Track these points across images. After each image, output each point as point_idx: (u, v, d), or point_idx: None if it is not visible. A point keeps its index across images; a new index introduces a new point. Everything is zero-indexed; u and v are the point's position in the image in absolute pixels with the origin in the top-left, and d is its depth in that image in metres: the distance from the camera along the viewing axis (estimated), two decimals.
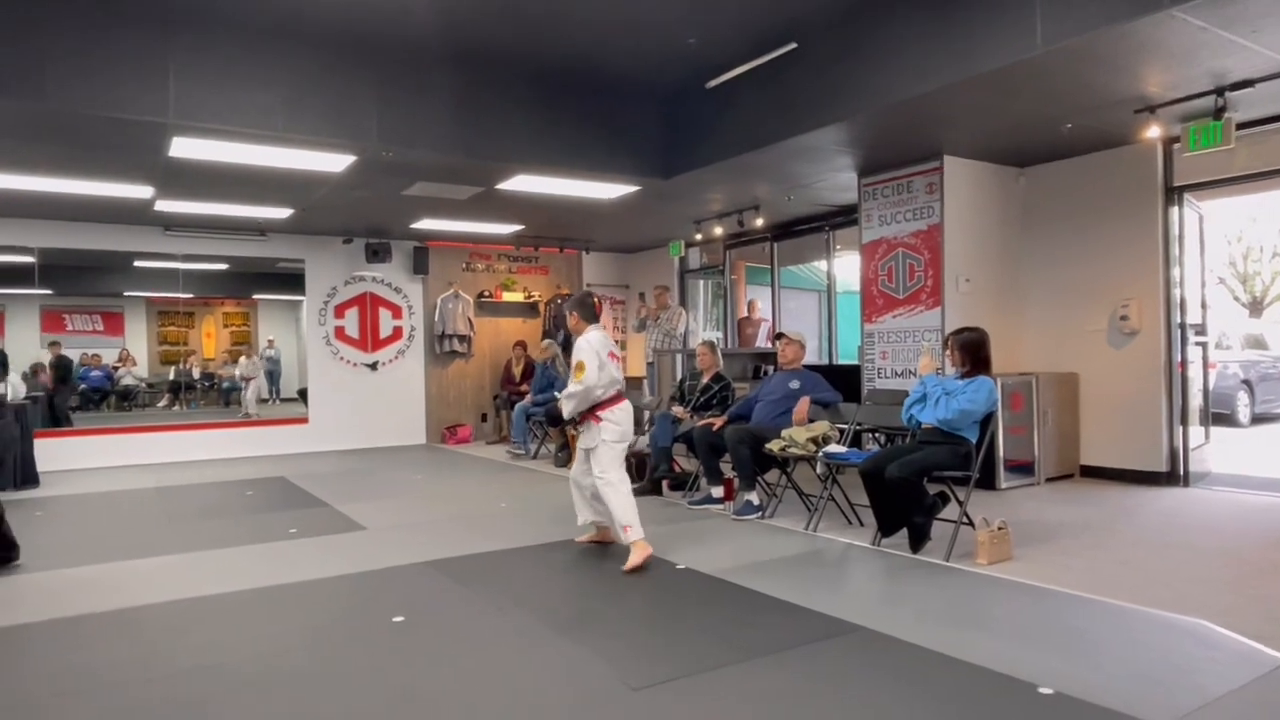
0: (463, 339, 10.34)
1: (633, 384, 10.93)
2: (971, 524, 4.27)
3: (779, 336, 5.80)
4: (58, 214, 8.07)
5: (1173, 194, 6.09)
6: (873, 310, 6.82)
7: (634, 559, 4.13)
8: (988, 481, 6.00)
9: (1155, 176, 6.08)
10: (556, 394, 8.09)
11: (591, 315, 4.57)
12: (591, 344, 4.37)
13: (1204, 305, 6.38)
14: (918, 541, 4.26)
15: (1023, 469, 6.31)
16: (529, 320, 10.97)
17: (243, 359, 11.23)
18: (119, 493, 6.85)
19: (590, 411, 4.34)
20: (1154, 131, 5.33)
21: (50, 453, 7.85)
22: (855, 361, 8.70)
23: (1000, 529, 4.11)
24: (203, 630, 3.35)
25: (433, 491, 6.70)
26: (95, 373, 10.60)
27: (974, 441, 4.31)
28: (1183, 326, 6.12)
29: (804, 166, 6.58)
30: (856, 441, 5.63)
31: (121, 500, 6.51)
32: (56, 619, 3.52)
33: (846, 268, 9.10)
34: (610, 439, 4.31)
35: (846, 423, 5.32)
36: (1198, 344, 6.30)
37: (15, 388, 7.35)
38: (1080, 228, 6.53)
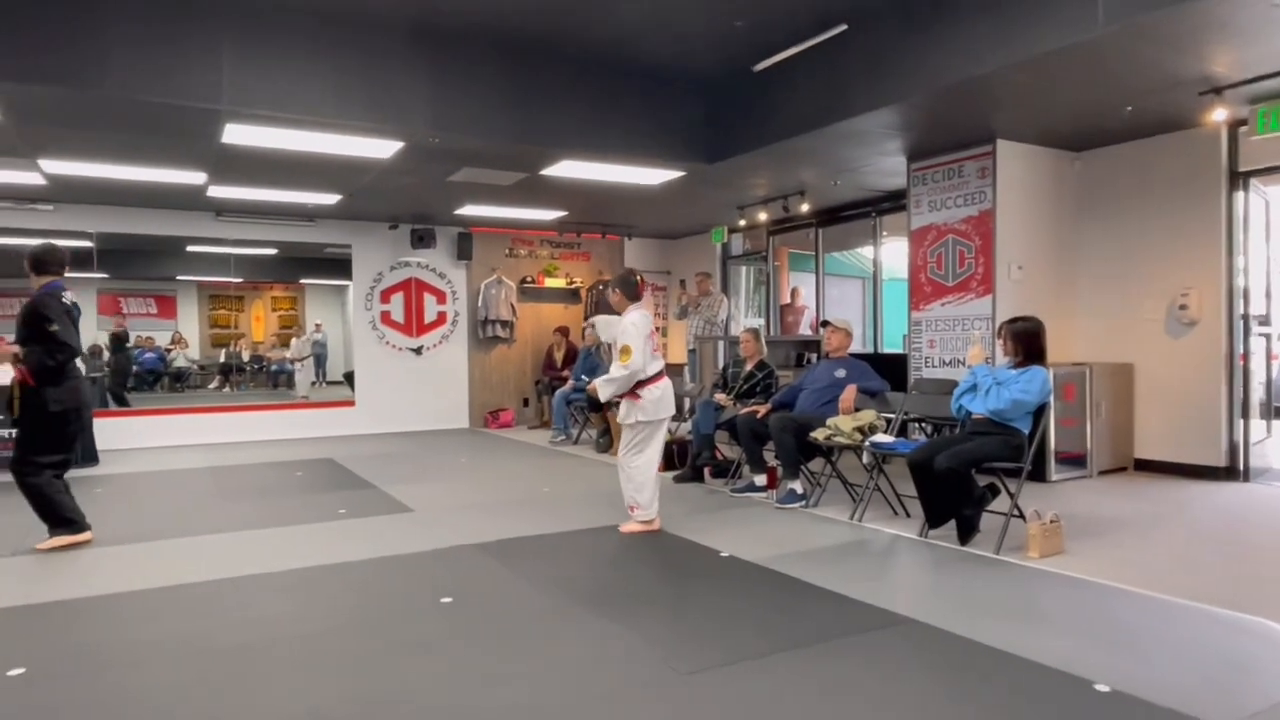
0: (505, 324, 10.42)
1: (674, 371, 10.88)
2: (1023, 516, 4.20)
3: (825, 324, 5.74)
4: (115, 200, 8.29)
5: (1237, 179, 5.89)
6: (920, 298, 6.73)
7: (630, 525, 4.50)
8: (1038, 474, 5.90)
9: (1219, 161, 5.89)
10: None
11: (634, 294, 4.66)
12: (637, 326, 4.47)
13: (1268, 295, 6.18)
14: (966, 534, 4.20)
15: (1074, 461, 6.19)
16: (571, 306, 11.00)
17: (294, 340, 11.43)
18: (174, 472, 7.04)
19: (630, 390, 4.46)
20: (1219, 114, 5.15)
21: (108, 432, 8.09)
22: (900, 350, 8.64)
23: (1053, 522, 4.04)
24: (258, 606, 3.44)
25: (477, 475, 6.78)
26: (149, 355, 10.90)
27: (1026, 433, 4.24)
28: (1245, 317, 5.93)
29: (852, 151, 6.49)
30: (903, 431, 5.57)
31: (177, 479, 6.70)
32: (120, 593, 3.63)
33: (893, 254, 8.98)
34: (643, 418, 4.47)
35: (893, 412, 5.26)
36: (1261, 335, 6.10)
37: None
38: (1138, 214, 6.35)
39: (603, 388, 4.53)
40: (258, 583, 3.78)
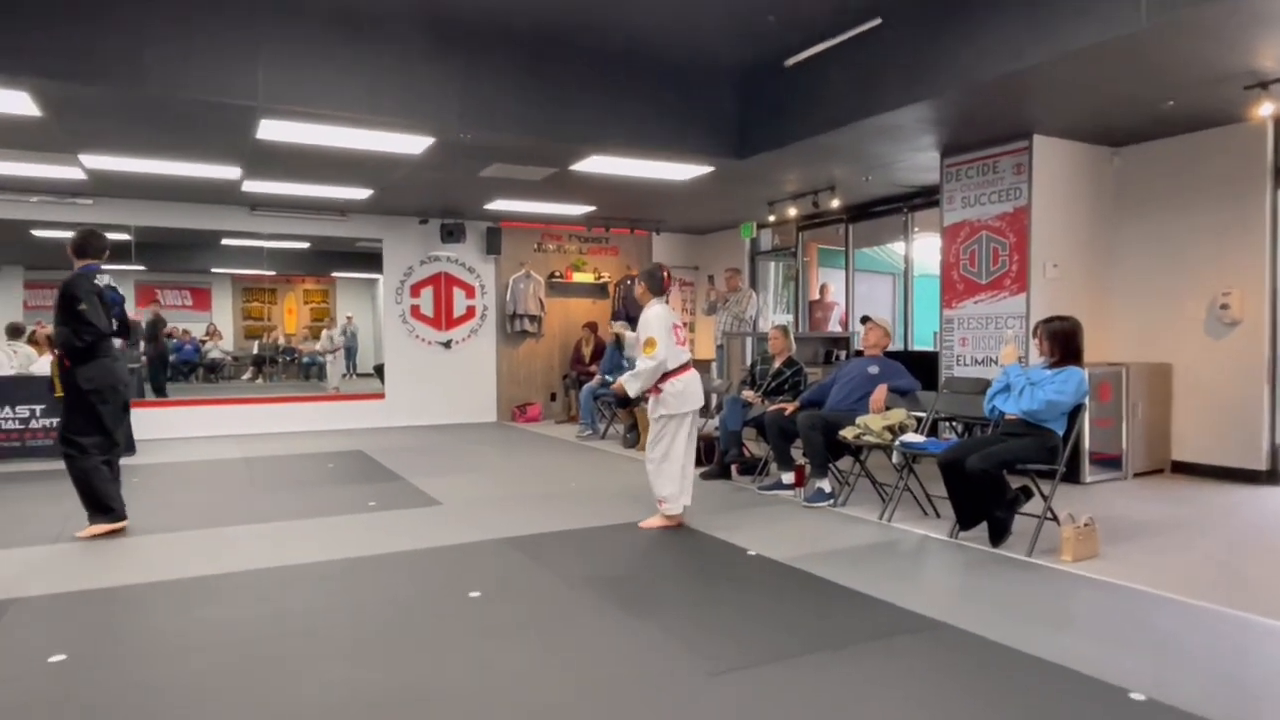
0: (533, 319, 10.46)
1: (702, 367, 10.88)
2: (1056, 519, 4.14)
3: (865, 320, 5.70)
4: (152, 194, 8.43)
5: None
6: (953, 295, 6.66)
7: (654, 520, 4.57)
8: (1072, 475, 5.81)
9: (1264, 157, 5.74)
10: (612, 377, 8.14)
11: (659, 288, 4.71)
12: (660, 318, 4.52)
13: None
14: (998, 536, 4.16)
15: (1109, 463, 6.09)
16: (599, 301, 11.02)
17: (325, 332, 11.55)
18: (209, 462, 7.17)
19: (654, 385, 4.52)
20: (1266, 109, 5.02)
21: (145, 422, 8.24)
22: (931, 348, 8.55)
23: (1087, 525, 3.97)
24: (292, 597, 3.49)
25: (504, 469, 6.82)
26: (186, 346, 11.10)
27: (1060, 434, 4.18)
28: None
29: (885, 146, 6.43)
30: (933, 431, 5.51)
31: (212, 470, 6.82)
32: (159, 582, 3.71)
33: (924, 250, 8.89)
34: (665, 411, 4.53)
35: (924, 411, 5.21)
36: None
37: None
38: (1179, 211, 6.22)
39: (629, 383, 4.56)
40: (290, 574, 3.83)
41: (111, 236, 8.79)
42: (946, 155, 6.65)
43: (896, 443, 4.79)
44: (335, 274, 12.02)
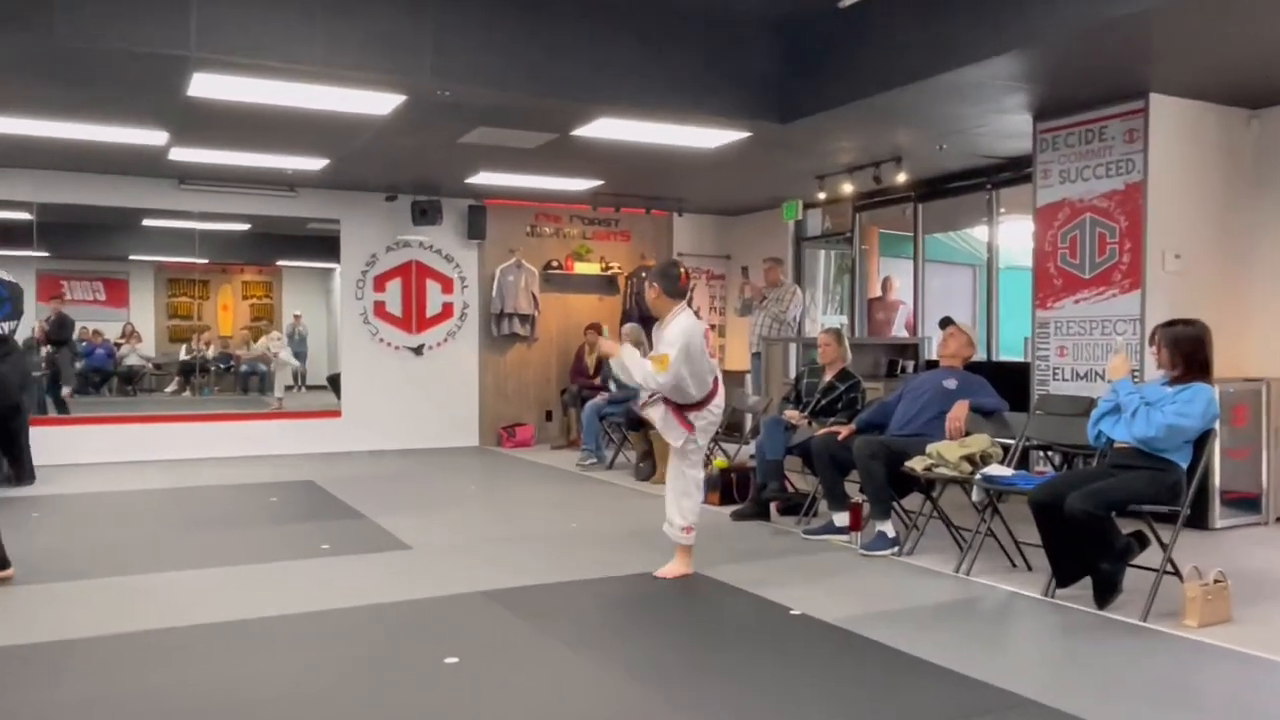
0: (525, 319, 10.50)
1: (733, 379, 10.94)
2: (1178, 574, 4.11)
3: (945, 323, 5.69)
4: (59, 164, 8.53)
5: None
6: (1048, 293, 6.64)
7: (677, 567, 4.68)
8: (1198, 519, 5.76)
9: None
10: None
11: (677, 289, 4.61)
12: (694, 333, 4.46)
13: None
14: (1105, 594, 4.13)
15: (1245, 504, 6.05)
16: (606, 297, 11.04)
17: (275, 335, 11.55)
18: (124, 494, 7.23)
19: (680, 410, 4.57)
20: None
21: (46, 444, 8.31)
22: (1021, 358, 8.52)
23: (1216, 582, 3.95)
24: (223, 662, 3.50)
25: (489, 505, 6.83)
26: (97, 350, 11.19)
27: (1184, 467, 4.16)
28: None
29: (962, 108, 6.43)
30: (1024, 462, 5.48)
31: (128, 503, 6.87)
32: (53, 641, 3.72)
33: (1012, 236, 8.87)
34: (705, 440, 4.75)
35: (1012, 437, 5.19)
36: None
37: None
38: None
39: (621, 369, 4.57)
40: (223, 632, 3.84)
41: (8, 216, 8.96)
42: (1041, 119, 6.63)
43: (978, 476, 4.76)
44: (281, 263, 12.09)
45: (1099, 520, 4.03)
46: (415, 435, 10.12)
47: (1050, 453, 5.87)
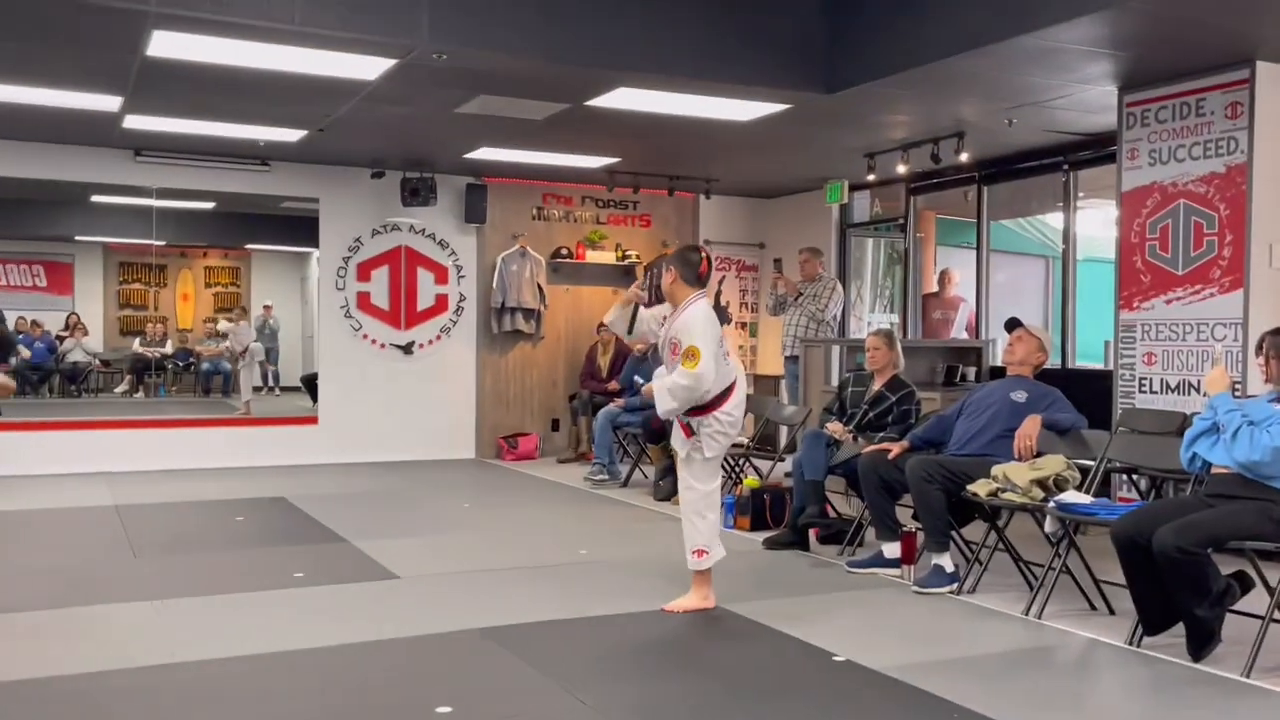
0: (529, 314, 10.51)
1: (766, 386, 10.95)
2: None
3: (1012, 324, 5.64)
4: None
5: None
6: (1135, 290, 6.60)
7: (690, 601, 4.71)
8: None
9: None
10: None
11: (695, 276, 4.80)
12: (709, 320, 4.65)
13: None
14: (1201, 644, 4.09)
15: None
16: (622, 289, 10.98)
17: (241, 324, 11.54)
18: (66, 511, 7.26)
19: (694, 410, 4.62)
20: None
21: None
22: (1101, 365, 8.47)
23: None
24: (175, 712, 3.49)
25: (486, 528, 6.83)
26: (36, 344, 11.25)
27: None
28: None
29: (1036, 77, 6.40)
30: (1105, 487, 5.44)
31: (71, 522, 6.90)
32: None
33: (1092, 225, 8.83)
34: (713, 454, 4.73)
35: (1091, 458, 5.17)
36: None
37: None
38: None
39: (663, 397, 4.61)
40: (176, 676, 3.83)
41: None
42: (1128, 90, 6.60)
43: (1051, 504, 4.74)
44: (251, 246, 12.16)
45: (1194, 558, 3.98)
46: (403, 446, 10.13)
47: (1136, 477, 5.83)
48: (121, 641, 4.25)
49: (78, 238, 11.45)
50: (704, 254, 4.88)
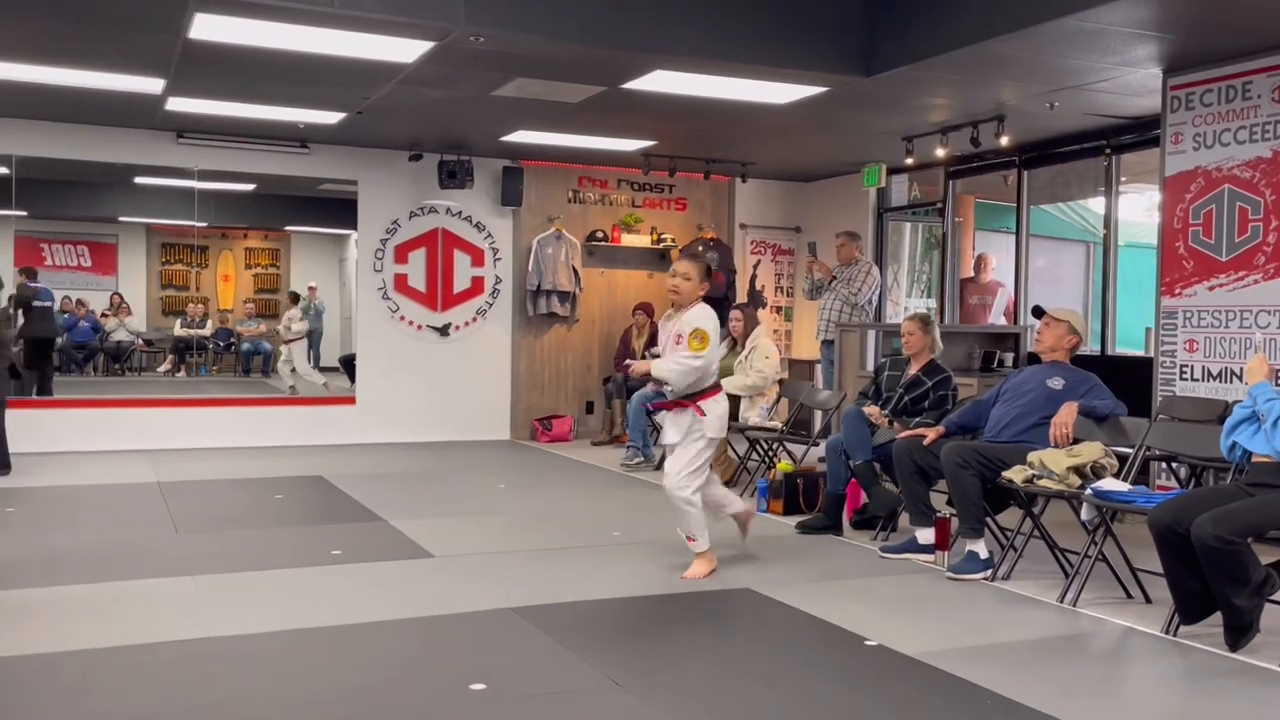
0: (565, 297, 10.53)
1: (800, 370, 10.92)
2: None
3: (1038, 312, 5.60)
4: (42, 113, 8.68)
5: None
6: (1177, 277, 6.54)
7: (698, 568, 5.04)
8: None
9: None
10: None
11: (710, 280, 5.23)
12: (711, 317, 5.01)
13: None
14: (1238, 634, 4.06)
15: None
16: (656, 273, 11.02)
17: (295, 311, 11.56)
18: (111, 488, 7.37)
19: (691, 398, 4.97)
20: None
21: (23, 428, 8.48)
22: (1142, 352, 8.39)
23: None
24: (215, 685, 3.55)
25: (521, 508, 6.88)
26: (81, 324, 11.41)
27: None
28: None
29: (1078, 59, 6.33)
30: (1143, 475, 5.39)
31: (114, 498, 7.01)
32: (27, 655, 3.79)
33: (1134, 210, 8.74)
34: (713, 434, 5.00)
35: (1129, 446, 5.12)
36: None
37: None
38: None
39: (666, 369, 4.94)
40: (219, 648, 3.90)
41: None
42: (1173, 73, 6.53)
43: (1088, 491, 4.70)
44: (290, 228, 12.25)
45: (1233, 547, 3.94)
46: (438, 427, 10.21)
47: (1175, 466, 5.77)
48: (162, 615, 4.31)
49: (121, 219, 11.58)
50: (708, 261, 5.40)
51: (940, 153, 8.68)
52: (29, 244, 10.83)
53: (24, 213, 9.85)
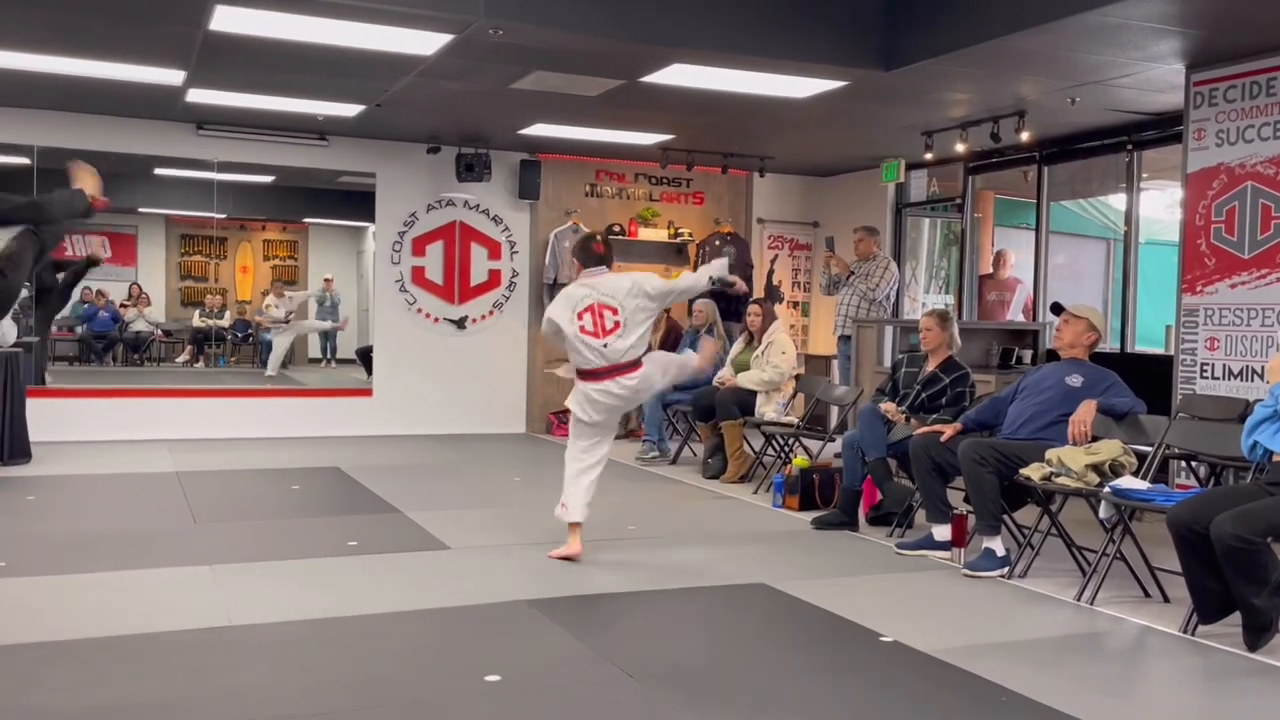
0: None
1: (817, 366, 10.89)
2: None
3: (1056, 309, 5.58)
4: (63, 104, 8.73)
5: None
6: (1198, 274, 6.50)
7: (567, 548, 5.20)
8: None
9: None
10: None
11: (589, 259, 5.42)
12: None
13: None
14: (1257, 634, 4.03)
15: None
16: (674, 267, 11.02)
17: (286, 294, 11.64)
18: (130, 477, 7.42)
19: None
20: None
21: (43, 418, 8.55)
22: (1162, 350, 8.34)
23: None
24: (229, 673, 3.57)
25: (536, 501, 6.86)
26: (101, 314, 11.48)
27: None
28: None
29: (1101, 54, 6.29)
30: (1162, 474, 5.37)
31: (133, 487, 7.05)
32: (45, 642, 3.83)
33: (1155, 206, 8.69)
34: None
35: (1149, 444, 5.10)
36: None
37: (4, 333, 8.03)
38: None
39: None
40: (234, 638, 3.93)
41: (6, 160, 9.19)
42: (1196, 68, 6.48)
43: (1106, 489, 4.69)
44: (309, 220, 12.28)
45: (1253, 547, 3.92)
46: (455, 419, 10.23)
47: (1195, 464, 5.74)
48: (180, 604, 4.34)
49: (141, 210, 11.62)
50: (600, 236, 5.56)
51: (960, 148, 8.65)
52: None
53: None
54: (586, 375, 5.17)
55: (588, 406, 5.22)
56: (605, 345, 5.08)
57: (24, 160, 9.15)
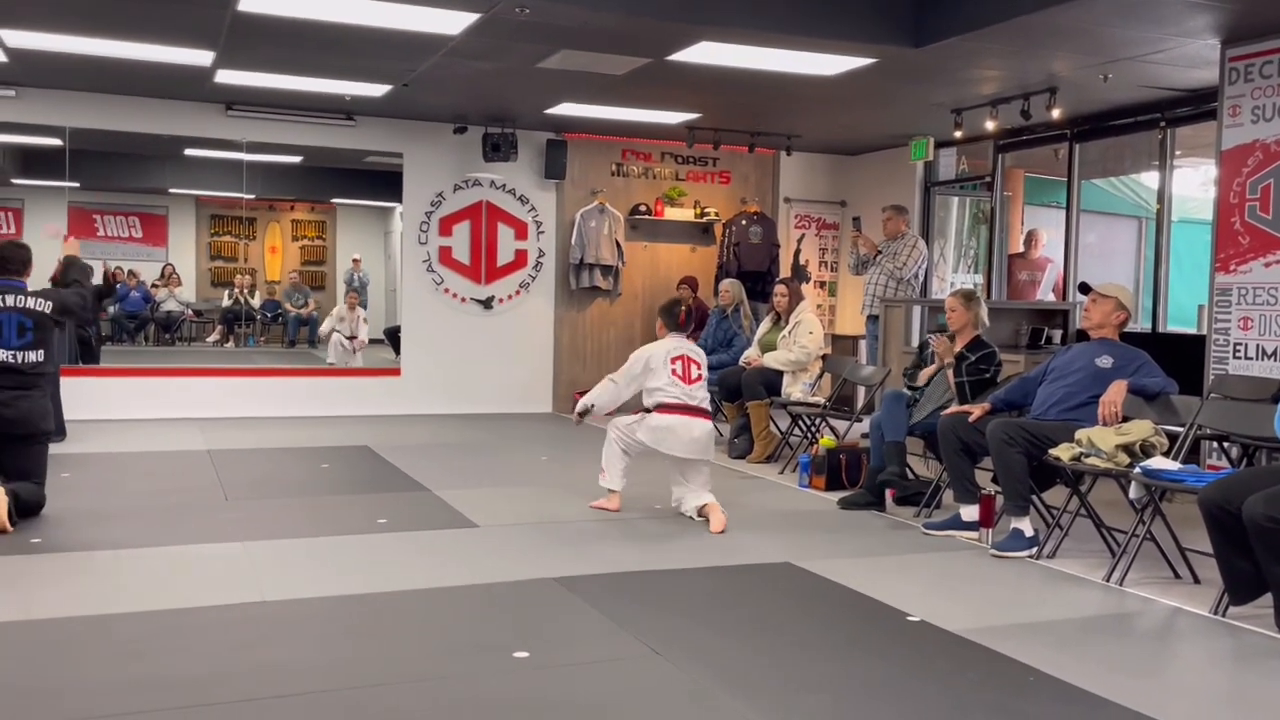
0: (608, 271, 10.53)
1: (845, 346, 10.87)
2: None
3: (1084, 289, 5.54)
4: (94, 85, 8.79)
5: None
6: (1232, 253, 6.44)
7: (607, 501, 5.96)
8: None
9: None
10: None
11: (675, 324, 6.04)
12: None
13: None
14: None
15: None
16: (701, 248, 11.01)
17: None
18: (162, 454, 7.52)
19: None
20: None
21: (76, 396, 8.64)
22: (1194, 329, 8.27)
23: None
24: (266, 646, 3.62)
25: (564, 480, 6.93)
26: (133, 294, 11.59)
27: None
28: None
29: (1134, 30, 6.22)
30: (1194, 454, 5.33)
31: (166, 465, 7.14)
32: (83, 616, 3.89)
33: (1189, 185, 8.60)
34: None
35: (1180, 424, 5.07)
36: None
37: None
38: None
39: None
40: (266, 613, 3.98)
41: (39, 141, 9.26)
42: (1231, 44, 6.41)
43: (1137, 469, 4.66)
44: (336, 200, 12.34)
45: None
46: (482, 399, 10.28)
47: (1227, 445, 5.70)
48: (212, 580, 4.40)
49: (171, 190, 11.72)
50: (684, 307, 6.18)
51: (990, 125, 8.58)
52: (81, 215, 10.99)
53: (76, 184, 9.97)
54: (665, 409, 5.78)
55: (665, 435, 5.74)
56: (690, 391, 5.83)
57: (57, 141, 9.24)
